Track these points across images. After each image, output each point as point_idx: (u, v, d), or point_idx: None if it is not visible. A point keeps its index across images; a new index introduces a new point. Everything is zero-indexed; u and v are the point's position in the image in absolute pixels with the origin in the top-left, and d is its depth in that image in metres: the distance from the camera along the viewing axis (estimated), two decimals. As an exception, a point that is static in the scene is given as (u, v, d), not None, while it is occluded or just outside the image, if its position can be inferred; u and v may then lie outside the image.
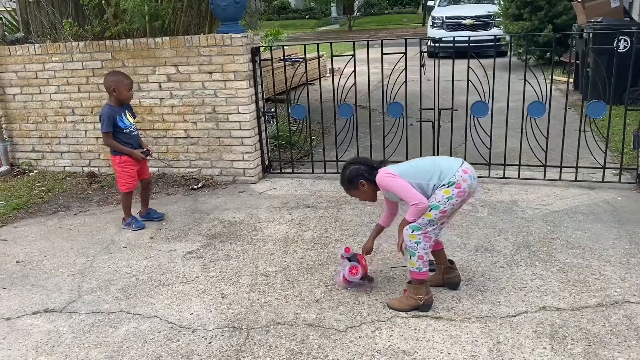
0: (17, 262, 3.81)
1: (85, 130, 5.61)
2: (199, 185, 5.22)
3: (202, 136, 5.28)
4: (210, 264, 3.63)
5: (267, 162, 5.47)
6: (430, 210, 2.80)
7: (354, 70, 4.95)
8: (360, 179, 2.96)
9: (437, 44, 5.03)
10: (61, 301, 3.25)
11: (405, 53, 4.76)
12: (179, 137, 5.35)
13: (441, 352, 2.59)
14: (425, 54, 5.05)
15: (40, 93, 5.60)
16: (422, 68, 4.76)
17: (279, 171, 5.49)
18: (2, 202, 4.96)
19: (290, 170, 5.46)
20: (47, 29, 5.72)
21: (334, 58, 5.14)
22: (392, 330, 2.78)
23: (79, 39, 5.49)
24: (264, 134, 5.37)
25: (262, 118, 5.29)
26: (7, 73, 5.64)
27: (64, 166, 5.80)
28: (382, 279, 3.29)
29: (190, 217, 4.50)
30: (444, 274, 3.15)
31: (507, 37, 6.81)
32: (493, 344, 2.63)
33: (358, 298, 3.10)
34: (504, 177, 4.85)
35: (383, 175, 2.89)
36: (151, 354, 2.69)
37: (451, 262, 3.16)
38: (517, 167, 4.84)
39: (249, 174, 5.27)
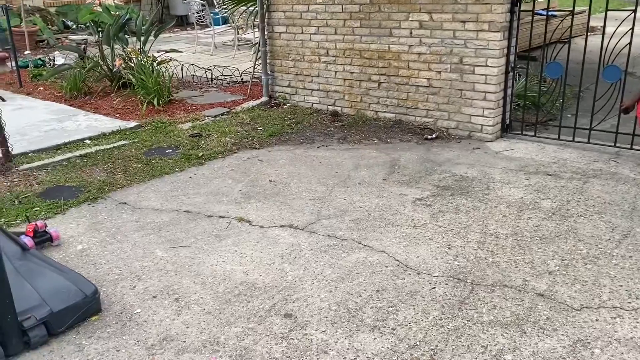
0: (270, 180, 4.34)
1: (335, 72, 5.99)
2: (433, 135, 5.22)
3: (443, 87, 5.22)
4: (439, 214, 3.66)
5: (507, 122, 5.19)
6: None
7: (632, 28, 4.31)
8: None
9: None
10: (303, 221, 3.63)
11: None
12: (421, 86, 5.38)
13: (700, 362, 2.24)
14: None
15: (302, 33, 6.12)
16: None
17: (519, 132, 5.18)
18: (260, 128, 5.66)
19: (532, 133, 5.10)
20: (315, -27, 6.13)
21: (608, 13, 4.53)
22: (638, 322, 2.49)
23: (342, -17, 5.78)
24: (509, 91, 5.08)
25: (511, 74, 4.99)
26: (277, 12, 6.26)
27: (312, 103, 6.32)
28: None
29: (422, 165, 4.55)
30: None
31: None
32: None
33: (598, 280, 2.83)
34: None
35: None
36: (377, 285, 2.86)
37: None
38: None
39: (486, 131, 5.08)
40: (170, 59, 7.24)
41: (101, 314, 2.69)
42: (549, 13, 7.27)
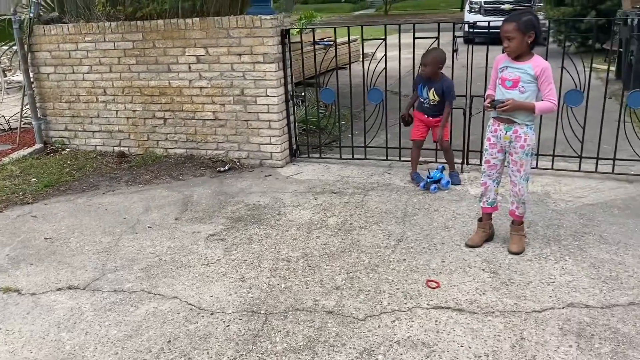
0: (45, 238, 3.88)
1: (117, 111, 5.66)
2: (226, 167, 5.22)
3: (230, 118, 5.27)
4: (232, 247, 3.63)
5: (294, 146, 5.43)
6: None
7: (385, 55, 4.84)
8: (533, 30, 3.01)
9: (472, 30, 4.87)
10: (85, 279, 3.30)
11: (437, 38, 4.62)
12: (207, 119, 5.35)
13: (462, 346, 2.52)
14: (460, 40, 4.89)
15: (74, 72, 5.68)
16: (454, 53, 4.62)
17: (306, 156, 5.45)
18: (34, 180, 5.07)
19: (317, 155, 5.40)
20: (81, 9, 5.77)
21: (365, 42, 5.04)
22: (412, 321, 2.72)
23: (112, 19, 5.52)
24: (292, 118, 5.32)
25: (291, 102, 5.24)
26: (42, 52, 5.73)
27: (95, 145, 5.88)
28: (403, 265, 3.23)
29: (215, 199, 4.50)
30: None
31: (547, 23, 6.55)
32: (516, 340, 2.54)
33: (379, 287, 3.05)
34: (536, 168, 4.68)
35: (545, 61, 3.08)
36: (169, 335, 2.70)
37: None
38: (551, 157, 4.67)
39: (275, 158, 5.24)
40: None
41: None
42: (327, 43, 7.89)
